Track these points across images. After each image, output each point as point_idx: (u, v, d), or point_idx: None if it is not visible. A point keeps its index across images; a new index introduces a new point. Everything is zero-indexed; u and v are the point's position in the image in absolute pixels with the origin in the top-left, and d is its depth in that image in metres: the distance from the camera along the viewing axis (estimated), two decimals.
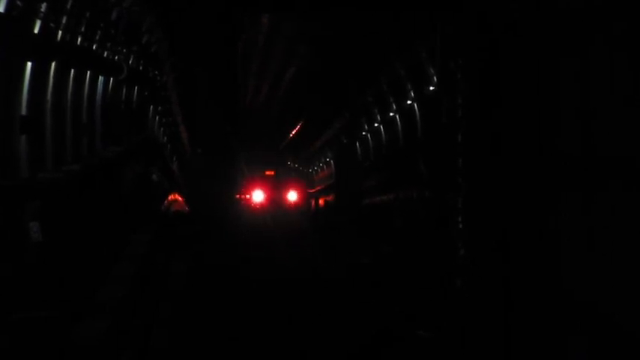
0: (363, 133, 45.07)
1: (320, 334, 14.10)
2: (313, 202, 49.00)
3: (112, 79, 22.32)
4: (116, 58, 21.77)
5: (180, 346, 13.74)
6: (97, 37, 19.37)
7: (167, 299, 16.30)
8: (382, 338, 13.80)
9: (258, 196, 43.97)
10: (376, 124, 41.95)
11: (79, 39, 17.86)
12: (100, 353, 11.21)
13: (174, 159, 40.80)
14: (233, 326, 14.58)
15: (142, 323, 14.49)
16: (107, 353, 11.68)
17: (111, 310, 13.01)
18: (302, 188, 48.58)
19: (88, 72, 19.69)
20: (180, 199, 33.71)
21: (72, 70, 18.08)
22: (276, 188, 45.18)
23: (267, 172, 47.35)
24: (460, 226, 12.34)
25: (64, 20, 16.21)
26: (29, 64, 14.71)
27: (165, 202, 28.49)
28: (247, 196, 44.99)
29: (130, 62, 23.90)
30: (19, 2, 13.10)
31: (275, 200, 44.16)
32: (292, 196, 45.60)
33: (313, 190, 52.11)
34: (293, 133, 51.72)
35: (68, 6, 16.26)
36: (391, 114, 37.30)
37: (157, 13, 23.61)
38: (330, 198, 46.29)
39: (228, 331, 14.28)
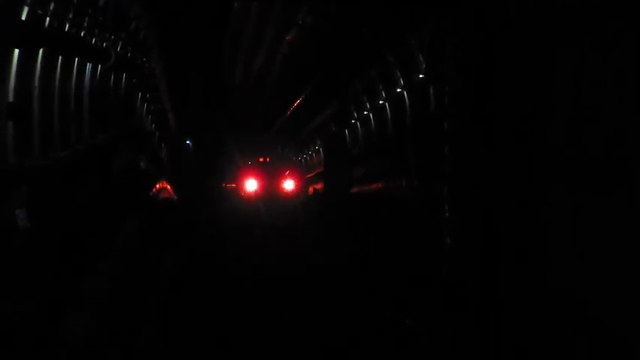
0: (353, 120, 44.99)
1: (310, 333, 14.02)
2: (310, 190, 47.95)
3: (100, 66, 22.18)
4: (104, 45, 21.62)
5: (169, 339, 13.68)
6: (85, 24, 19.22)
7: (153, 292, 16.23)
8: (372, 336, 13.77)
9: (250, 185, 41.88)
10: (365, 112, 41.90)
11: (67, 26, 17.71)
12: (87, 347, 11.16)
13: (163, 147, 40.66)
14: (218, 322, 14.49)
15: (130, 316, 14.43)
16: (94, 347, 11.63)
17: (99, 303, 12.97)
18: (299, 175, 46.71)
19: (76, 59, 19.55)
20: (168, 187, 33.61)
21: (60, 57, 17.95)
22: (270, 176, 43.12)
23: (260, 159, 45.50)
24: (447, 214, 12.30)
25: (51, 6, 16.06)
26: (16, 50, 14.58)
27: (154, 189, 28.41)
28: (233, 185, 43.51)
29: (118, 49, 23.75)
30: None
31: (269, 189, 42.10)
32: (288, 184, 43.48)
33: (308, 177, 51.21)
34: (286, 116, 50.88)
35: None
36: (381, 102, 37.28)
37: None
38: (319, 186, 45.90)
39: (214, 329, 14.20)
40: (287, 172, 42.94)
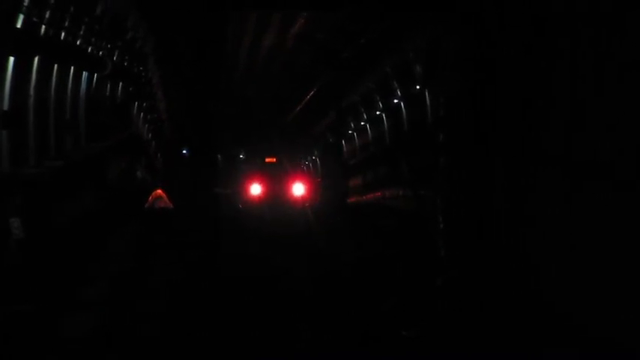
0: (350, 131, 44.89)
1: (310, 336, 13.95)
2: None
3: (96, 74, 22.11)
4: (100, 53, 21.56)
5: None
6: (81, 32, 19.16)
7: (147, 297, 16.11)
8: (368, 338, 13.70)
9: (255, 190, 38.70)
10: (362, 123, 41.87)
11: (63, 34, 17.65)
12: (85, 348, 11.13)
13: (159, 155, 40.56)
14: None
15: (126, 321, 14.34)
16: (93, 348, 11.59)
17: (94, 308, 12.92)
18: (309, 179, 43.53)
19: (72, 67, 19.48)
20: (164, 196, 33.41)
21: (55, 66, 17.88)
22: (276, 180, 39.64)
23: (268, 160, 42.29)
24: (442, 226, 12.29)
25: (47, 14, 16.00)
26: (11, 58, 14.51)
27: (150, 198, 28.25)
28: (236, 191, 41.17)
29: (115, 58, 23.69)
30: None
31: (275, 194, 38.53)
32: (298, 189, 39.15)
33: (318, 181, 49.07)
34: (288, 120, 49.71)
35: (52, 0, 16.06)
36: (377, 112, 37.27)
37: (141, 8, 23.40)
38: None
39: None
40: (295, 176, 39.86)
